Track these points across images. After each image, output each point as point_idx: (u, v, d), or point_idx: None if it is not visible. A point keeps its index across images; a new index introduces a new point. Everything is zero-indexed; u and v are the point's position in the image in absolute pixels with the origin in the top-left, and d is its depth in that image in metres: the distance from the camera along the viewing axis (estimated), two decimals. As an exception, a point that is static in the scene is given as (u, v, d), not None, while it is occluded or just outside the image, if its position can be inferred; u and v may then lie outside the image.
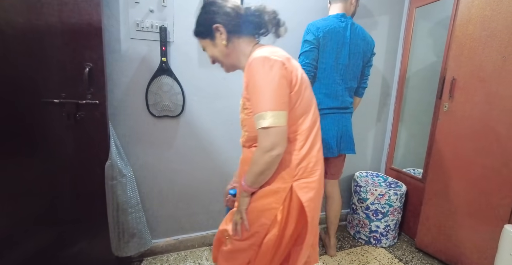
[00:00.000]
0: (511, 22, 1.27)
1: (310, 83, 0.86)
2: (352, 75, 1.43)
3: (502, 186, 1.33)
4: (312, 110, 0.82)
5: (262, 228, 0.78)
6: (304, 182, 0.79)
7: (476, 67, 1.41)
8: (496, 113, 1.34)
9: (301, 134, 0.79)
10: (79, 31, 1.15)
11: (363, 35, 1.41)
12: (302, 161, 0.79)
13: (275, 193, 0.78)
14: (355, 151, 1.51)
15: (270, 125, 0.70)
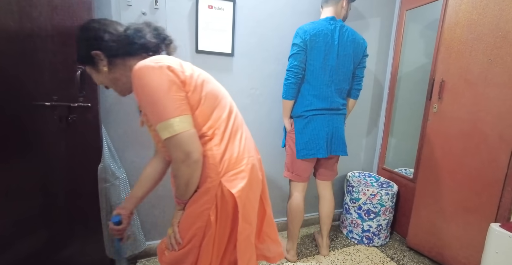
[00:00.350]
0: (496, 26, 1.31)
1: (210, 77, 0.83)
2: (343, 77, 1.45)
3: (488, 185, 1.36)
4: (223, 101, 0.81)
5: (199, 231, 0.77)
6: (232, 174, 0.77)
7: (463, 70, 1.44)
8: (483, 114, 1.37)
9: (218, 128, 0.78)
10: (71, 34, 1.15)
11: (353, 37, 1.42)
12: (225, 154, 0.77)
13: (205, 194, 0.76)
14: (347, 153, 1.52)
15: (174, 133, 0.68)
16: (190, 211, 0.78)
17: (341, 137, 1.50)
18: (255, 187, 0.84)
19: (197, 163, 0.72)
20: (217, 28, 1.47)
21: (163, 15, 1.38)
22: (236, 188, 0.76)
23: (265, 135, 1.73)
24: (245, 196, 0.79)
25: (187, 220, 0.79)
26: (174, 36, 1.39)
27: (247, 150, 0.83)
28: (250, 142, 0.88)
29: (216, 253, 0.80)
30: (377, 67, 1.97)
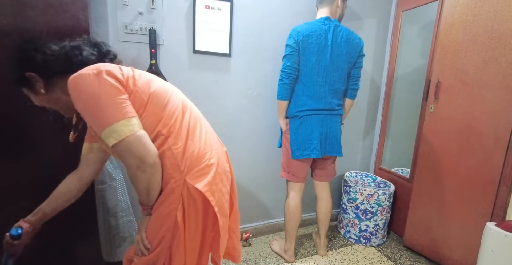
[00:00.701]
0: (491, 27, 1.32)
1: (155, 77, 0.81)
2: (337, 77, 1.44)
3: (484, 184, 1.38)
4: (173, 98, 0.79)
5: (167, 232, 0.75)
6: (196, 170, 0.75)
7: (459, 70, 1.45)
8: (478, 114, 1.39)
9: (173, 126, 0.75)
10: (66, 34, 1.12)
11: (347, 37, 1.41)
12: (186, 151, 0.75)
13: (170, 194, 0.74)
14: (341, 154, 1.51)
15: (119, 138, 0.65)
16: (157, 214, 0.76)
17: (335, 138, 1.48)
18: (224, 179, 0.83)
19: (153, 166, 0.69)
20: (214, 28, 1.47)
21: (160, 15, 1.37)
22: (202, 184, 0.74)
23: (262, 136, 1.73)
24: (217, 189, 0.78)
25: (154, 223, 0.76)
26: (171, 36, 1.41)
27: (208, 144, 0.81)
28: (212, 136, 0.86)
29: (190, 253, 0.78)
30: (374, 68, 1.98)
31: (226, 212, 0.83)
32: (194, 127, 0.80)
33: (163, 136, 0.73)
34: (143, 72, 0.79)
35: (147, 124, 0.71)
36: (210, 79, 1.53)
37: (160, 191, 0.75)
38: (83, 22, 1.15)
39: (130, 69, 0.75)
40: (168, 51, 1.41)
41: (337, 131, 1.49)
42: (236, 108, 1.62)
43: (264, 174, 1.78)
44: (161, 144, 0.73)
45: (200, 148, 0.78)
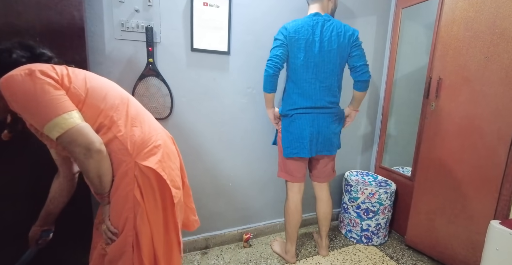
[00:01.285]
0: (493, 24, 1.31)
1: (92, 74, 0.87)
2: (329, 73, 1.38)
3: (487, 182, 1.36)
4: (112, 92, 0.85)
5: (129, 212, 0.80)
6: (145, 152, 0.82)
7: (461, 67, 1.44)
8: (480, 111, 1.37)
9: (115, 115, 0.81)
10: (60, 32, 1.10)
11: (338, 31, 1.35)
12: (132, 136, 0.81)
13: (124, 177, 0.80)
14: (333, 152, 1.47)
15: (63, 131, 0.70)
16: (115, 198, 0.81)
17: (327, 137, 1.42)
18: (173, 158, 0.91)
19: (100, 152, 0.74)
20: (212, 26, 1.44)
21: (157, 12, 1.34)
22: (153, 162, 0.81)
23: (262, 135, 1.70)
24: (167, 165, 0.86)
25: (115, 208, 0.81)
26: (168, 34, 1.38)
27: (153, 128, 0.89)
28: (154, 123, 0.93)
29: (156, 228, 0.84)
30: (374, 65, 1.96)
31: (179, 185, 0.91)
32: (137, 115, 0.87)
33: (106, 126, 0.79)
34: (77, 70, 0.83)
35: (87, 117, 0.76)
36: (208, 78, 1.50)
37: (113, 177, 0.81)
38: (78, 20, 1.12)
39: (64, 68, 0.79)
40: (165, 49, 1.38)
41: (328, 131, 1.42)
42: (235, 107, 1.60)
43: (264, 173, 1.75)
44: (105, 133, 0.79)
45: (145, 133, 0.85)
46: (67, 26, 1.11)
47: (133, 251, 0.81)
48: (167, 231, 0.89)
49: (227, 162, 1.63)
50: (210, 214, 1.64)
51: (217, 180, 1.62)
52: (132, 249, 0.81)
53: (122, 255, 0.81)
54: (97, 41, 1.27)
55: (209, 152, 1.57)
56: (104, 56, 1.29)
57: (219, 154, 1.60)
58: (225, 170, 1.64)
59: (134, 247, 0.81)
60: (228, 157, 1.63)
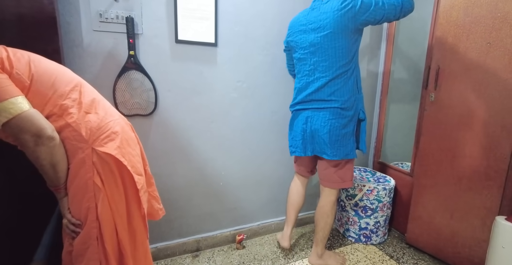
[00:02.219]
0: (494, 7, 1.23)
1: (40, 57, 0.80)
2: (330, 61, 1.22)
3: (489, 175, 1.29)
4: (62, 77, 0.79)
5: (90, 201, 0.77)
6: (102, 137, 0.79)
7: (461, 55, 1.36)
8: (482, 100, 1.30)
9: (68, 100, 0.77)
10: (28, 21, 1.02)
11: (330, 7, 1.17)
12: (87, 122, 0.78)
13: (82, 165, 0.76)
14: (331, 157, 1.26)
15: (10, 116, 0.65)
16: (74, 188, 0.78)
17: (321, 138, 1.26)
18: (132, 144, 0.89)
19: (53, 139, 0.71)
20: (198, 16, 1.36)
21: (138, 2, 1.26)
22: (111, 148, 0.79)
23: (254, 131, 1.62)
24: (126, 152, 0.83)
25: (75, 198, 0.78)
26: (150, 25, 1.30)
27: (109, 114, 0.86)
28: (112, 110, 0.90)
29: (118, 215, 0.81)
30: (370, 57, 1.89)
31: (141, 171, 0.88)
32: (92, 102, 0.83)
33: (56, 114, 0.75)
34: (20, 52, 0.75)
35: (34, 105, 0.71)
36: (195, 71, 1.42)
37: (68, 165, 0.77)
38: (48, 6, 1.04)
39: (2, 49, 0.72)
40: (148, 41, 1.30)
41: (323, 130, 1.24)
42: (225, 102, 1.52)
43: (257, 171, 1.67)
44: (55, 120, 0.75)
45: (101, 119, 0.81)
46: (37, 14, 1.03)
47: (98, 244, 0.78)
48: (131, 218, 0.86)
49: (218, 160, 1.55)
50: (200, 215, 1.56)
51: (208, 179, 1.54)
52: (97, 242, 0.78)
53: (87, 249, 0.78)
54: (73, 33, 1.19)
55: (198, 150, 1.50)
56: (82, 49, 1.21)
57: (209, 152, 1.52)
58: (216, 169, 1.56)
59: (98, 239, 0.78)
60: (218, 155, 1.55)
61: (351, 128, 1.28)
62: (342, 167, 1.33)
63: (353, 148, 1.29)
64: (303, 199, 1.53)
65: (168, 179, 1.45)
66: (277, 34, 1.56)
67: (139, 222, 0.89)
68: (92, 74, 1.24)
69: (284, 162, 1.73)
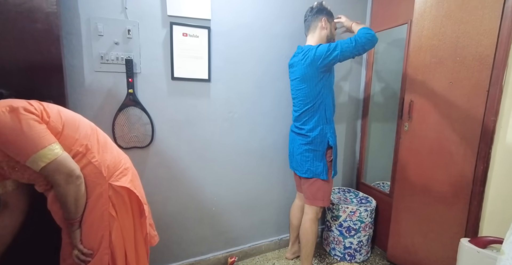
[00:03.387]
0: (454, 52, 1.40)
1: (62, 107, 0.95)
2: (298, 100, 1.51)
3: (457, 200, 1.44)
4: (82, 122, 0.94)
5: (105, 231, 0.89)
6: (117, 174, 0.94)
7: (429, 91, 1.52)
8: (448, 133, 1.46)
9: (88, 143, 0.90)
10: (37, 69, 1.11)
11: (298, 59, 1.45)
12: (104, 161, 0.92)
13: (99, 199, 0.89)
14: (303, 174, 1.51)
15: (48, 161, 0.78)
16: (90, 220, 0.89)
17: (295, 157, 1.55)
18: (137, 177, 1.06)
19: (80, 177, 0.84)
20: (193, 55, 1.48)
21: (136, 44, 1.37)
22: (126, 182, 0.94)
23: (246, 158, 1.73)
24: (136, 184, 1.00)
25: (90, 230, 0.89)
26: (148, 64, 1.41)
27: (120, 153, 1.03)
28: (119, 149, 1.06)
29: (129, 241, 0.95)
30: (351, 85, 2.05)
31: (146, 201, 1.03)
32: (105, 143, 0.98)
33: (81, 153, 0.88)
34: (50, 105, 0.91)
35: (64, 147, 0.84)
36: (189, 105, 1.53)
37: (86, 200, 0.88)
38: (55, 55, 1.13)
39: (39, 104, 0.86)
40: (145, 79, 1.41)
41: (297, 151, 1.54)
42: (217, 132, 1.63)
43: (248, 195, 1.78)
44: (80, 160, 0.88)
45: (115, 157, 0.97)
46: (45, 63, 1.11)
47: None
48: (137, 244, 0.99)
49: (210, 186, 1.65)
50: (193, 239, 1.64)
51: (201, 204, 1.63)
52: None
53: None
54: (76, 74, 1.28)
55: (191, 177, 1.59)
56: (84, 88, 1.31)
57: (201, 179, 1.62)
58: (209, 194, 1.65)
59: (109, 264, 0.89)
60: (210, 181, 1.65)
61: (319, 153, 1.47)
62: (312, 184, 1.51)
63: (323, 170, 1.47)
64: (300, 217, 1.66)
65: (162, 206, 1.53)
66: (266, 68, 1.69)
67: (142, 247, 1.02)
68: (93, 111, 1.33)
69: (273, 186, 1.84)
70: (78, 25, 1.25)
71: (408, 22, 1.71)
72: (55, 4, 1.09)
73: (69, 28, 1.24)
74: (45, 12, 1.09)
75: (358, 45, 1.34)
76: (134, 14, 1.34)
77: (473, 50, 1.34)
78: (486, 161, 1.33)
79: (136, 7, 1.33)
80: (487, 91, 1.31)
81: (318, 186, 1.51)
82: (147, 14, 1.36)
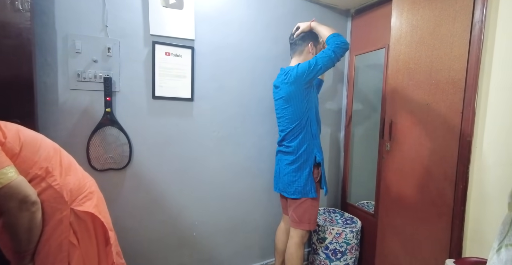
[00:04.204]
0: (429, 75, 1.47)
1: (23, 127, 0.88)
2: (283, 119, 1.49)
3: (440, 220, 1.44)
4: (43, 144, 0.87)
5: (63, 262, 0.81)
6: (81, 198, 0.87)
7: (408, 112, 1.57)
8: (428, 153, 1.49)
9: (50, 166, 0.84)
10: (5, 85, 1.04)
11: (281, 79, 1.45)
12: (67, 184, 0.85)
13: (58, 226, 0.81)
14: (289, 195, 1.47)
15: (0, 186, 0.71)
16: (45, 251, 0.80)
17: (282, 178, 1.51)
18: (103, 202, 0.99)
19: (36, 204, 0.77)
20: (175, 74, 1.46)
21: (116, 62, 1.33)
22: (90, 206, 0.87)
23: (229, 178, 1.68)
24: (102, 209, 0.93)
25: (45, 262, 0.80)
26: (128, 82, 1.36)
27: (86, 176, 0.97)
28: (84, 172, 0.99)
29: None
30: (333, 106, 2.09)
31: (111, 227, 0.97)
32: (69, 165, 0.91)
33: (40, 177, 0.81)
34: (9, 124, 0.83)
35: (21, 170, 0.77)
36: (171, 124, 1.48)
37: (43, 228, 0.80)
38: (26, 72, 1.07)
39: None
40: (125, 98, 1.36)
41: (284, 171, 1.49)
42: (199, 152, 1.57)
43: (231, 218, 1.70)
44: (38, 183, 0.80)
45: (80, 180, 0.91)
46: (15, 80, 1.05)
47: None
48: None
49: (191, 210, 1.57)
50: (173, 268, 1.53)
51: (181, 230, 1.54)
52: None
53: None
54: (49, 92, 1.22)
55: (171, 201, 1.50)
56: (57, 107, 1.23)
57: (182, 203, 1.54)
58: (189, 219, 1.56)
59: None
60: (191, 204, 1.57)
61: (306, 171, 1.45)
62: (299, 206, 1.47)
63: (311, 188, 1.45)
64: (286, 241, 1.59)
65: (139, 232, 1.42)
66: (250, 89, 1.70)
67: None
68: (67, 131, 1.25)
69: (257, 208, 1.78)
70: (54, 42, 1.21)
71: (386, 47, 1.79)
72: (29, 20, 1.04)
73: (44, 44, 1.19)
74: (18, 27, 1.04)
75: (337, 57, 1.39)
76: (115, 32, 1.31)
77: (446, 74, 1.41)
78: (465, 181, 1.36)
79: (117, 25, 1.31)
80: (461, 113, 1.36)
81: (305, 208, 1.47)
82: (129, 32, 1.34)
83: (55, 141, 1.22)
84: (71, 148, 1.25)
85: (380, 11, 1.83)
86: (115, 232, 1.04)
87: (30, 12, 1.05)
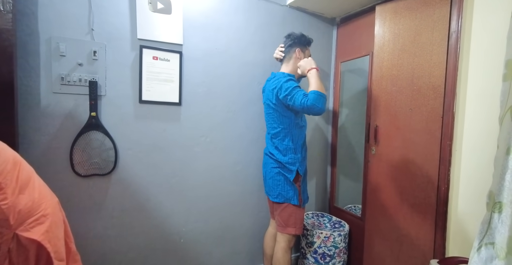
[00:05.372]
0: (411, 81, 1.53)
1: None
2: (271, 123, 1.50)
3: (424, 222, 1.48)
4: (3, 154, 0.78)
5: None
6: (30, 221, 0.76)
7: (392, 117, 1.62)
8: (412, 156, 1.54)
9: (5, 180, 0.74)
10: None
11: (270, 86, 1.47)
12: (17, 205, 0.74)
13: None
14: (272, 198, 1.48)
15: None
16: None
17: (267, 181, 1.52)
18: (59, 226, 0.87)
19: None
20: (163, 79, 1.45)
21: (102, 66, 1.31)
22: (38, 233, 0.76)
23: (217, 183, 1.66)
24: (53, 236, 0.81)
25: None
26: (114, 86, 1.34)
27: (43, 195, 0.84)
28: (45, 188, 0.88)
29: None
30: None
31: (63, 256, 0.85)
32: (27, 181, 0.80)
33: None
34: None
35: None
36: (158, 129, 1.46)
37: None
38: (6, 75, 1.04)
39: None
40: (110, 102, 1.33)
41: (269, 174, 1.50)
42: (187, 157, 1.56)
43: (220, 224, 1.68)
44: None
45: (35, 200, 0.79)
46: (-7, 83, 1.01)
47: None
48: None
49: (178, 216, 1.54)
50: (159, 277, 1.48)
51: (168, 236, 1.50)
52: None
53: None
54: (31, 95, 1.18)
55: (157, 207, 1.47)
56: (39, 110, 1.20)
57: (169, 208, 1.51)
58: (176, 225, 1.53)
59: None
60: (179, 210, 1.54)
61: (290, 178, 1.45)
62: (284, 210, 1.47)
63: (293, 195, 1.45)
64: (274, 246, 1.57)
65: (124, 239, 1.38)
66: (238, 93, 1.70)
67: None
68: (48, 136, 1.21)
69: (247, 212, 1.77)
70: (37, 44, 1.18)
71: (370, 54, 1.85)
72: (11, 21, 1.02)
73: (26, 46, 1.16)
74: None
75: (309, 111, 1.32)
76: (101, 35, 1.29)
77: (426, 80, 1.47)
78: (447, 182, 1.41)
79: (103, 29, 1.30)
80: (441, 117, 1.42)
81: (289, 212, 1.47)
82: (116, 36, 1.33)
83: (36, 145, 1.19)
84: (53, 154, 1.22)
85: (364, 20, 1.89)
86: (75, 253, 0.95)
87: (12, 13, 1.02)
